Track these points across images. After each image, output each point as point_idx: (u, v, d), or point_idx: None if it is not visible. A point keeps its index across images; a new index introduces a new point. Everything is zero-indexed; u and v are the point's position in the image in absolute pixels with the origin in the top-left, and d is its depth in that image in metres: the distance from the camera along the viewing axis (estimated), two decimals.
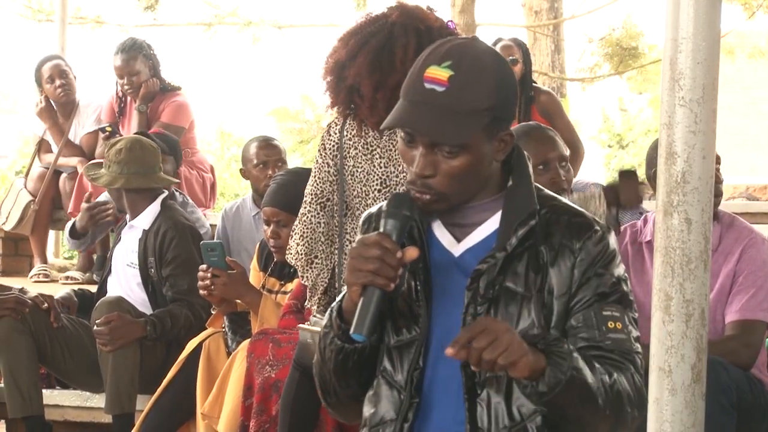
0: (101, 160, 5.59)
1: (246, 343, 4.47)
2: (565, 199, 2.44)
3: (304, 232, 3.84)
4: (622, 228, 4.10)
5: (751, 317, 3.75)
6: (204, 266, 4.56)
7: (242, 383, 4.36)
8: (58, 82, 7.03)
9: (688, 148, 2.35)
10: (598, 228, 2.36)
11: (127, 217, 5.26)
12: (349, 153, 3.79)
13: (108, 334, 4.85)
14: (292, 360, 4.20)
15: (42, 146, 7.32)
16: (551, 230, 2.35)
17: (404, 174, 3.41)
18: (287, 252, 3.93)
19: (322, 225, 3.83)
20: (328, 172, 3.81)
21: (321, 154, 3.82)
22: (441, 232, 2.42)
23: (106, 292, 5.24)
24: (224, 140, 16.65)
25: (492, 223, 2.40)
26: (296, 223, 3.88)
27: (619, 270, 2.35)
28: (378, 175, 3.77)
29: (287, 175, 4.71)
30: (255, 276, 4.87)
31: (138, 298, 5.14)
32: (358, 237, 2.38)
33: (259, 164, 5.67)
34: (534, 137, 3.87)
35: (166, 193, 5.32)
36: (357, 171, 3.77)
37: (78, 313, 5.29)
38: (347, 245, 3.79)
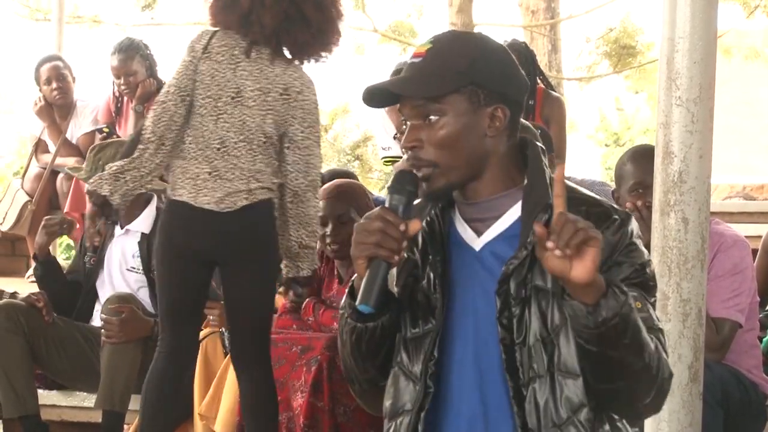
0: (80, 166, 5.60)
1: None
2: (582, 189, 2.44)
3: (161, 117, 4.11)
4: None
5: (714, 315, 3.79)
6: None
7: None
8: (54, 85, 7.05)
9: (684, 148, 2.34)
10: (616, 216, 2.34)
11: (118, 225, 5.22)
12: (215, 58, 4.11)
13: (117, 326, 4.83)
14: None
15: (39, 146, 7.32)
16: None
17: (258, 90, 4.07)
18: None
19: (180, 116, 4.11)
20: (193, 70, 4.14)
21: (189, 54, 4.16)
22: (462, 228, 2.43)
23: (96, 297, 5.23)
24: None
25: (509, 216, 2.40)
26: (155, 107, 4.15)
27: (641, 256, 2.33)
28: (236, 84, 4.07)
29: None
30: None
31: (141, 301, 5.11)
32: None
33: None
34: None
35: (156, 198, 5.28)
36: (218, 75, 4.10)
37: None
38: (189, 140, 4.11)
